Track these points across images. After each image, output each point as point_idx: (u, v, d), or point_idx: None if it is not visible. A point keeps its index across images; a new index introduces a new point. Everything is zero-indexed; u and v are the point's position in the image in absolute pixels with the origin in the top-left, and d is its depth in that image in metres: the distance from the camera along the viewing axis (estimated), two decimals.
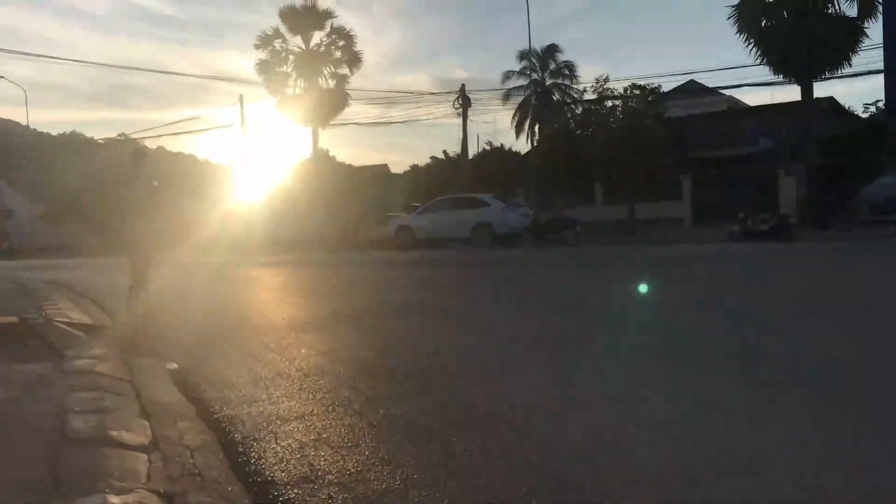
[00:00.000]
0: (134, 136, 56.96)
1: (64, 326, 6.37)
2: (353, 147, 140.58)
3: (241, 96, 42.19)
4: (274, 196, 42.63)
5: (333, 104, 42.72)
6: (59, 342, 5.90)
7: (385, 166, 57.32)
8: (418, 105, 77.95)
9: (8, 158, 65.05)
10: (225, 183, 47.42)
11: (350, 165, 42.42)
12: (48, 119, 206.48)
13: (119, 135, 64.70)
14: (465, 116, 35.17)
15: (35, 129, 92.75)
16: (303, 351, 6.34)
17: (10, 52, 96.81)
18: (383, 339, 6.94)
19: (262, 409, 4.52)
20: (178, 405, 4.63)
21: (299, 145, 59.23)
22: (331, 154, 62.95)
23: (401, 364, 5.71)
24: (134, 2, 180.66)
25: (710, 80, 50.72)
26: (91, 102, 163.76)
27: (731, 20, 30.52)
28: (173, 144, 74.93)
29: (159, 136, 51.45)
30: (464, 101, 35.17)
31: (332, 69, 43.00)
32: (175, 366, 5.84)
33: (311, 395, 4.80)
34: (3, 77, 63.22)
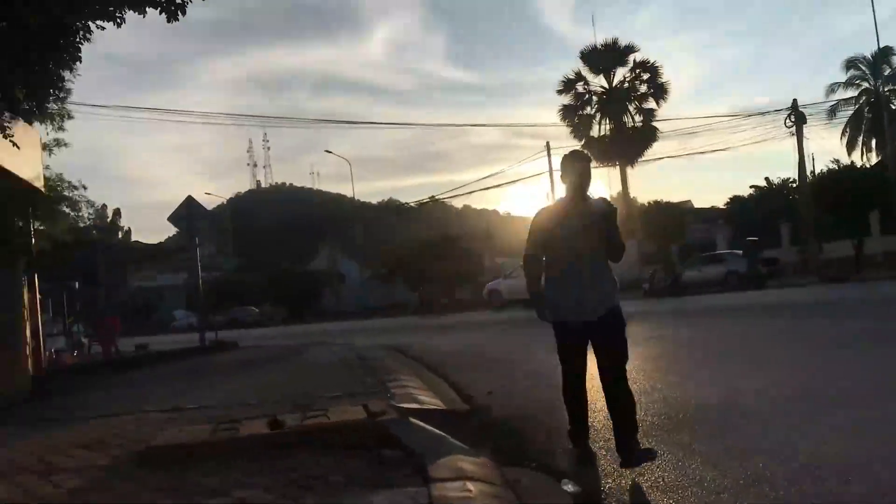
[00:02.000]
0: (442, 197, 59.04)
1: (421, 424, 4.80)
2: (651, 184, 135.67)
3: (547, 144, 41.59)
4: None
5: (641, 140, 40.46)
6: (418, 446, 4.32)
7: (689, 202, 53.07)
8: (733, 130, 71.89)
9: (338, 228, 71.13)
10: (515, 234, 47.22)
11: (657, 202, 39.50)
12: (369, 189, 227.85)
13: (430, 198, 67.77)
14: (800, 134, 30.94)
15: (359, 200, 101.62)
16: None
17: (336, 122, 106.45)
18: None
19: None
20: None
21: (600, 188, 57.03)
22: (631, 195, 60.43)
23: None
24: (435, 74, 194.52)
25: None
26: (404, 170, 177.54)
27: None
28: (479, 202, 77.40)
29: (466, 194, 52.57)
30: (797, 118, 30.99)
31: (638, 104, 40.92)
32: (573, 487, 3.99)
33: None
34: (330, 151, 69.29)
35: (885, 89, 43.11)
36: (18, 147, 9.53)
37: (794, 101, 31.77)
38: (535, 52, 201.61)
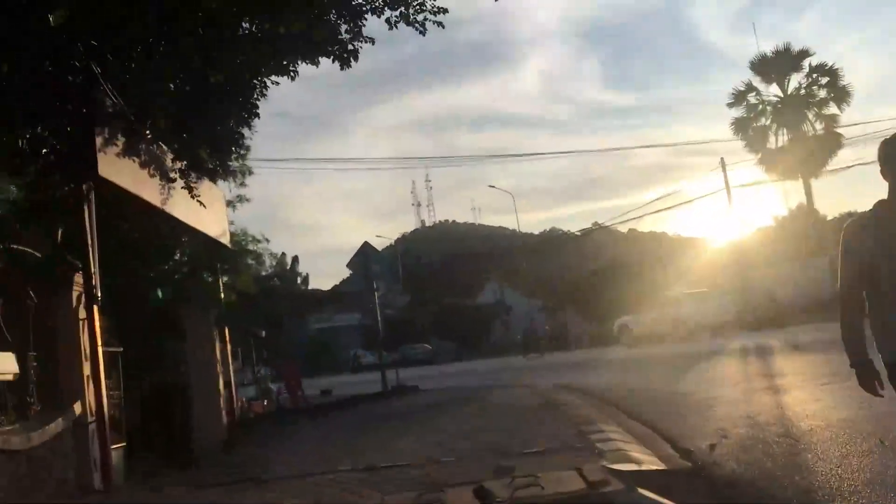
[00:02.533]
0: (606, 223, 57.59)
1: (650, 496, 4.15)
2: (841, 197, 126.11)
3: (721, 160, 39.16)
4: (743, 263, 38.69)
5: (824, 149, 37.47)
6: None
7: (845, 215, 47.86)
8: None
9: (502, 260, 71.05)
10: (695, 256, 45.11)
11: (849, 214, 36.22)
12: (531, 219, 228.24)
13: (593, 224, 66.40)
14: None
15: (520, 231, 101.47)
16: None
17: (497, 156, 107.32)
18: None
19: None
20: None
21: (779, 203, 53.56)
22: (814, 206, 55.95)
23: None
24: (594, 101, 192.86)
25: None
26: (564, 199, 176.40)
27: None
28: (645, 225, 74.70)
29: (632, 219, 50.66)
30: None
31: (817, 111, 38.04)
32: None
33: None
34: (494, 186, 69.63)
35: None
36: (205, 206, 9.76)
37: None
38: (692, 69, 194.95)
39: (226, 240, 12.07)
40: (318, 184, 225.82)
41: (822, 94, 37.76)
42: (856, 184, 67.99)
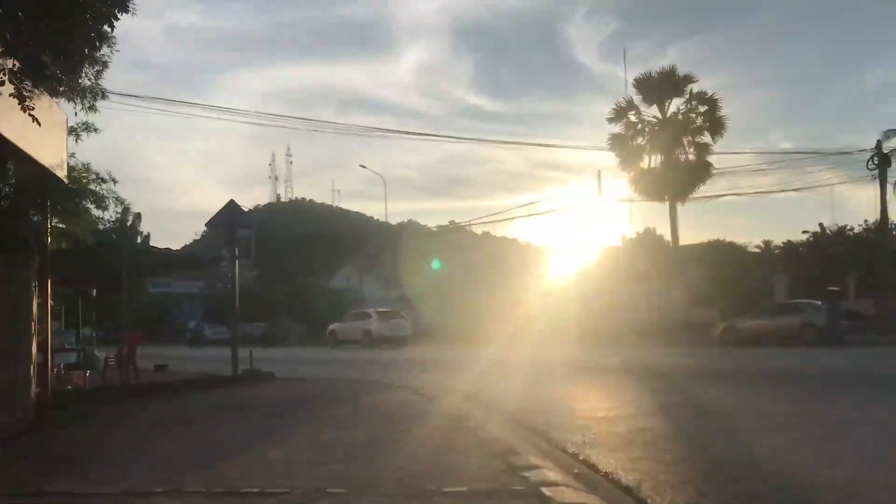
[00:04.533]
0: (462, 223, 57.84)
1: None
2: (706, 223, 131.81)
3: (598, 172, 39.62)
4: (587, 279, 39.75)
5: (694, 176, 38.22)
6: None
7: (705, 244, 48.81)
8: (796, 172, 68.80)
9: (359, 246, 69.29)
10: (542, 265, 45.92)
11: (717, 241, 37.39)
12: (389, 210, 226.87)
13: (449, 222, 66.47)
14: (883, 178, 28.64)
15: (377, 219, 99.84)
16: None
17: (372, 129, 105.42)
18: None
19: None
20: None
21: (639, 223, 54.83)
22: (658, 232, 58.01)
23: None
24: (463, 101, 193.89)
25: None
26: (425, 193, 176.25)
27: None
28: (499, 230, 75.89)
29: (485, 222, 50.73)
30: (881, 159, 28.71)
31: (692, 138, 38.76)
32: None
33: None
34: (365, 167, 68.19)
35: None
36: (40, 124, 7.46)
37: (879, 142, 29.54)
38: (561, 85, 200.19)
39: (62, 173, 9.67)
40: (171, 140, 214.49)
41: (699, 121, 38.51)
42: (711, 213, 71.29)
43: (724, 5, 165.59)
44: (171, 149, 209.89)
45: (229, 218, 14.03)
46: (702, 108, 38.42)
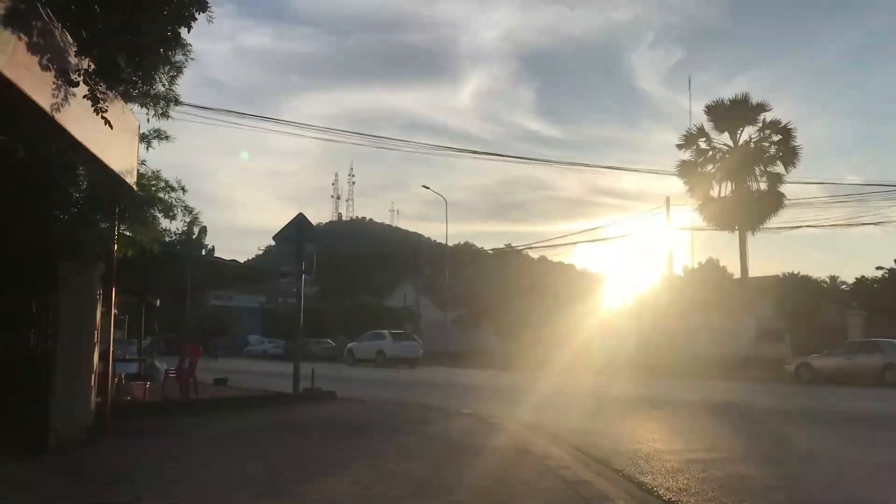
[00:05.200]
0: (519, 247, 57.53)
1: None
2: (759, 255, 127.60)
3: (667, 199, 38.74)
4: (646, 308, 38.70)
5: (765, 206, 36.95)
6: None
7: (776, 277, 47.09)
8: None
9: (417, 266, 69.04)
10: (600, 292, 45.06)
11: (793, 275, 36.08)
12: (448, 231, 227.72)
13: (506, 245, 66.13)
14: None
15: (435, 241, 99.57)
16: None
17: (436, 147, 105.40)
18: None
19: None
20: None
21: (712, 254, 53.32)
22: (721, 263, 56.31)
23: None
24: (522, 127, 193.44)
25: None
26: (482, 217, 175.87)
27: None
28: (556, 255, 75.31)
29: (543, 246, 50.18)
30: None
31: (764, 167, 37.52)
32: None
33: None
34: (428, 187, 68.37)
35: None
36: (112, 127, 7.20)
37: None
38: (622, 112, 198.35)
39: (132, 180, 9.45)
40: (236, 157, 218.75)
41: (772, 150, 37.34)
42: (775, 246, 69.44)
43: (791, 36, 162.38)
44: (237, 165, 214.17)
45: (297, 231, 13.73)
46: (775, 137, 37.33)
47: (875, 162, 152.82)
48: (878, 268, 40.58)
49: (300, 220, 13.91)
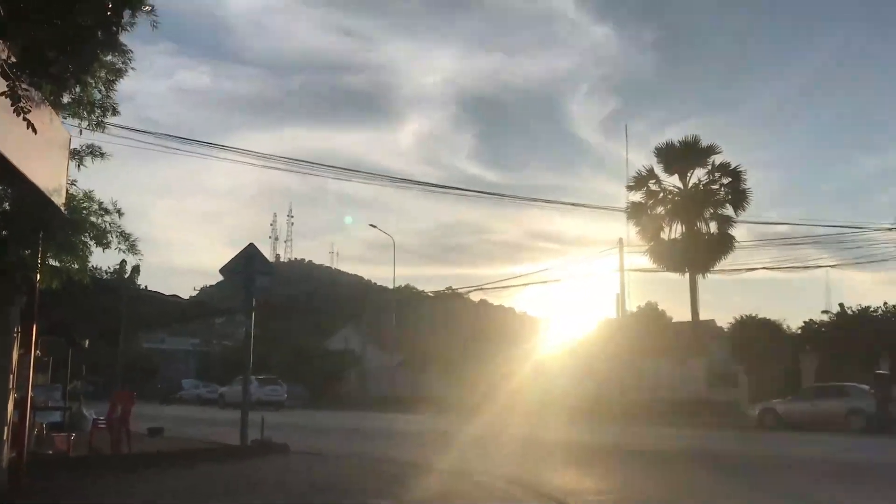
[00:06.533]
0: (460, 289, 56.86)
1: None
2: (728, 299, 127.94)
3: (620, 240, 38.40)
4: (584, 351, 38.87)
5: (715, 249, 36.87)
6: None
7: (711, 321, 46.58)
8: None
9: (358, 309, 67.49)
10: (538, 335, 44.77)
11: (749, 317, 36.02)
12: (387, 274, 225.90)
13: (447, 288, 65.60)
14: None
15: (375, 283, 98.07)
16: None
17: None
18: None
19: None
20: None
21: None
22: (660, 308, 56.38)
23: None
24: (463, 170, 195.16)
25: None
26: (421, 260, 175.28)
27: None
28: (497, 299, 75.27)
29: (484, 288, 49.59)
30: None
31: (714, 210, 37.53)
32: None
33: None
34: (375, 226, 67.34)
35: None
36: (35, 131, 5.87)
37: None
38: (559, 158, 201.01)
39: (59, 200, 8.11)
40: (172, 197, 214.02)
41: (722, 193, 37.39)
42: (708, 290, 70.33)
43: (722, 89, 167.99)
44: (169, 206, 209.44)
45: (247, 263, 12.40)
46: (725, 180, 37.36)
47: (803, 208, 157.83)
48: (824, 311, 40.73)
49: (251, 250, 12.59)
